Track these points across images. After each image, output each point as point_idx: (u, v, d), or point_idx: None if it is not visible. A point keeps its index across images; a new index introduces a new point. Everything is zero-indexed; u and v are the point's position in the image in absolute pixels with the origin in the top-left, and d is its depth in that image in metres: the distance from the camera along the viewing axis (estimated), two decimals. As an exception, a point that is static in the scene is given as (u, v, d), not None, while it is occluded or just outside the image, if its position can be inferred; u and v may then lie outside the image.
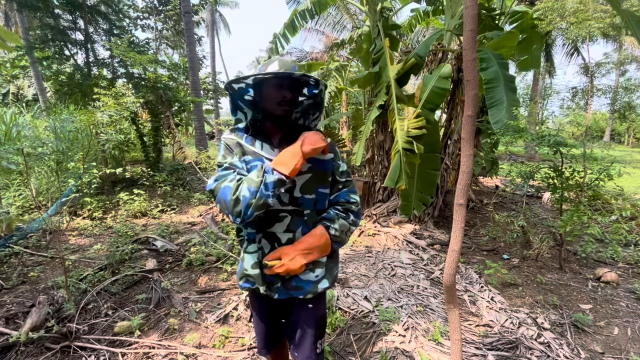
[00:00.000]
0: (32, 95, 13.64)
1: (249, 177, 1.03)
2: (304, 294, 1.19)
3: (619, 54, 19.98)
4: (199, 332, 2.36)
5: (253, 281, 1.20)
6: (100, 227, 4.62)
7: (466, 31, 1.01)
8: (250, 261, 1.18)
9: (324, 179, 1.20)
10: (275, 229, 1.15)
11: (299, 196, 1.16)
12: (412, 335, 2.29)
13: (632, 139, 24.18)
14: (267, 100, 1.14)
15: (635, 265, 3.55)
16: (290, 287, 1.18)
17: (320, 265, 1.20)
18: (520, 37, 4.62)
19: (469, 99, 1.05)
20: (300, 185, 1.16)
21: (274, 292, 1.19)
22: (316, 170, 1.18)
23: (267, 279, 1.18)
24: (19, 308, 2.52)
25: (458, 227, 1.10)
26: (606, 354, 2.25)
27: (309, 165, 1.16)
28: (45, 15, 7.52)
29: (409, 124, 3.81)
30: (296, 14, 5.92)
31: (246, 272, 1.20)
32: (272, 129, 1.20)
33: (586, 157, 3.25)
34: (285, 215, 1.15)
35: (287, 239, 1.15)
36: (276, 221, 1.15)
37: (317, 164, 1.18)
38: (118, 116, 5.52)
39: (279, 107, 1.13)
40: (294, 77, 1.13)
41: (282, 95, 1.11)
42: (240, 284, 1.26)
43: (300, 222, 1.16)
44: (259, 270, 1.17)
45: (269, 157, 1.14)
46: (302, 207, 1.16)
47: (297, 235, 1.16)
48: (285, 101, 1.13)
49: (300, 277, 1.18)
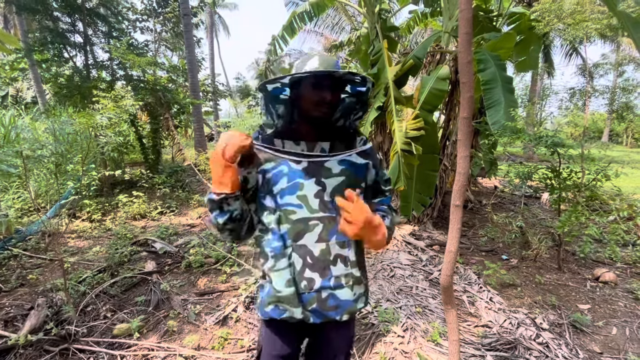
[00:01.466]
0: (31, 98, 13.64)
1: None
2: (340, 315, 1.06)
3: (616, 54, 20.06)
4: (198, 334, 2.36)
5: (285, 307, 1.04)
6: (99, 229, 4.62)
7: (461, 34, 1.02)
8: (282, 280, 1.02)
9: (357, 184, 1.09)
10: (306, 241, 1.01)
11: (329, 200, 1.03)
12: (411, 336, 2.29)
13: (630, 139, 24.25)
14: (304, 101, 1.03)
15: (633, 265, 3.57)
16: (327, 307, 1.04)
17: (358, 282, 1.09)
18: (518, 38, 4.64)
19: (464, 101, 1.06)
20: (331, 189, 1.04)
21: (309, 316, 1.04)
22: (349, 173, 1.07)
23: (303, 300, 1.03)
24: (17, 310, 2.52)
25: (455, 228, 1.11)
26: (604, 353, 2.26)
27: (342, 167, 1.06)
28: (44, 17, 7.53)
29: (407, 125, 3.82)
30: (295, 16, 5.95)
31: (279, 295, 1.03)
32: (308, 131, 1.09)
33: (584, 157, 3.26)
34: (316, 223, 1.02)
35: (319, 251, 1.01)
36: (306, 231, 1.02)
37: (351, 167, 1.08)
38: (117, 118, 5.53)
39: (318, 109, 1.02)
40: (336, 77, 1.01)
41: (321, 96, 1.00)
42: (268, 311, 1.06)
43: (333, 230, 1.03)
44: (294, 288, 1.02)
45: (295, 158, 1.04)
46: (334, 213, 1.03)
47: (331, 245, 1.02)
48: (325, 103, 1.01)
49: (338, 296, 1.04)
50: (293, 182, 1.02)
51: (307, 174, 1.02)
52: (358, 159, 1.10)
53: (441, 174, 4.78)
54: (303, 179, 1.02)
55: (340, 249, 1.04)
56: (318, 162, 1.04)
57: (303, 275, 1.02)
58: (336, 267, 1.03)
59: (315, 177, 1.03)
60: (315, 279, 1.02)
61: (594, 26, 7.78)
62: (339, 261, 1.04)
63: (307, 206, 1.01)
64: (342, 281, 1.04)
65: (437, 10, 5.71)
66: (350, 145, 1.12)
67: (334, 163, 1.05)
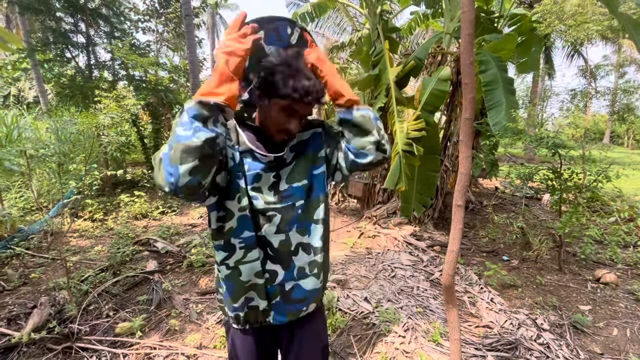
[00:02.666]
0: (33, 98, 13.67)
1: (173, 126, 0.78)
2: (307, 305, 1.02)
3: (618, 56, 20.06)
4: (199, 333, 2.37)
5: (252, 295, 0.98)
6: (101, 228, 4.64)
7: (464, 36, 1.03)
8: (252, 271, 0.96)
9: (314, 160, 1.02)
10: (265, 232, 0.96)
11: (285, 188, 0.98)
12: (412, 336, 2.30)
13: (631, 140, 24.22)
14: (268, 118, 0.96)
15: (634, 267, 3.57)
16: (291, 300, 1.00)
17: (324, 266, 1.05)
18: (519, 39, 4.65)
19: (466, 102, 1.07)
20: (285, 178, 0.99)
21: (270, 313, 1.00)
22: (300, 155, 1.01)
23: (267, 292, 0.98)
24: (20, 309, 2.54)
25: (457, 228, 1.12)
26: (605, 354, 2.26)
27: (293, 154, 1.00)
28: (47, 18, 7.56)
29: (408, 126, 3.83)
30: (296, 17, 5.96)
31: (247, 285, 0.97)
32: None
33: (585, 159, 3.27)
34: (274, 214, 0.96)
35: (279, 242, 0.97)
36: (266, 222, 0.96)
37: (301, 147, 1.01)
38: (119, 118, 5.55)
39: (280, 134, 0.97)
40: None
41: (289, 125, 0.93)
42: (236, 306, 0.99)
43: (293, 220, 0.98)
44: (263, 280, 0.97)
45: (261, 153, 0.96)
46: (291, 201, 0.98)
47: (290, 235, 0.98)
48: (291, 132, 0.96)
49: (303, 287, 1.00)
50: (254, 173, 0.96)
51: (268, 168, 0.97)
52: (302, 135, 1.03)
53: (442, 175, 4.78)
54: (264, 172, 0.97)
55: (300, 236, 0.99)
56: (279, 156, 0.98)
57: (265, 267, 0.97)
58: (298, 256, 0.99)
59: (275, 170, 0.98)
60: (278, 271, 0.98)
61: (595, 28, 7.79)
62: (301, 250, 0.99)
63: (263, 197, 0.96)
64: (307, 270, 1.00)
65: (438, 12, 5.72)
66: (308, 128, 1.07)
67: (287, 152, 1.00)
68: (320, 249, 1.03)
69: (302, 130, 1.03)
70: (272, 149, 0.98)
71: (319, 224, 1.02)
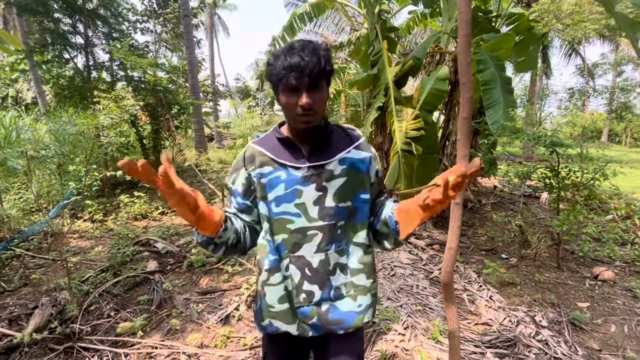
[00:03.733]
0: (32, 99, 13.66)
1: None
2: (344, 329, 0.98)
3: (615, 54, 20.12)
4: (200, 332, 2.38)
5: (280, 323, 0.98)
6: (101, 229, 4.64)
7: (461, 36, 1.04)
8: (275, 295, 0.97)
9: (362, 182, 0.99)
10: (304, 252, 0.95)
11: (332, 205, 0.94)
12: (411, 334, 2.32)
13: (629, 139, 24.31)
14: (284, 109, 0.92)
15: (632, 264, 3.59)
16: (328, 322, 0.97)
17: (364, 291, 1.00)
18: (517, 38, 4.68)
19: (464, 101, 1.08)
20: (333, 192, 0.95)
21: (307, 330, 0.98)
22: (352, 172, 0.97)
23: (299, 314, 0.97)
24: (21, 310, 2.54)
25: (455, 225, 1.14)
26: (603, 351, 2.28)
27: (344, 167, 0.96)
28: (45, 19, 7.56)
29: (407, 126, 3.85)
30: (295, 17, 5.98)
31: (272, 310, 0.98)
32: (303, 134, 0.97)
33: (582, 157, 3.29)
34: (315, 233, 0.94)
35: (319, 262, 0.94)
36: (304, 242, 0.94)
37: (353, 164, 0.98)
38: (118, 119, 5.56)
39: (298, 119, 0.90)
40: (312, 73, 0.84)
41: (296, 103, 0.87)
42: (264, 326, 1.01)
43: (333, 239, 0.95)
44: (288, 304, 0.97)
45: (296, 165, 0.95)
46: (334, 220, 0.95)
47: (330, 255, 0.95)
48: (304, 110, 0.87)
49: (339, 309, 0.97)
50: (291, 189, 0.94)
51: (307, 180, 0.94)
52: (358, 153, 1.00)
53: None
54: (302, 186, 0.94)
55: (339, 257, 0.97)
56: (318, 166, 0.95)
57: (302, 288, 0.95)
58: (335, 276, 0.97)
59: (316, 182, 0.94)
60: (315, 292, 0.96)
61: (593, 26, 7.82)
62: (338, 270, 0.98)
63: (306, 215, 0.94)
64: (343, 291, 0.98)
65: (436, 11, 5.74)
66: (344, 139, 1.02)
67: (335, 164, 0.96)
68: (357, 270, 1.00)
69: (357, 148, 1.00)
70: (309, 158, 0.96)
71: (358, 247, 1.01)
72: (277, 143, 0.99)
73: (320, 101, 0.88)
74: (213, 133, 19.11)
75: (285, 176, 0.94)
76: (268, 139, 1.02)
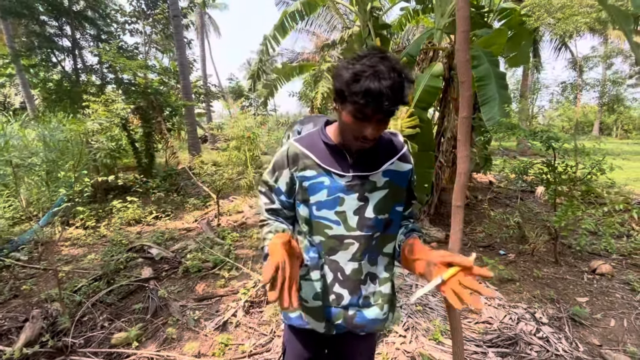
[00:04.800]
0: (20, 104, 13.40)
1: (261, 231, 0.96)
2: (366, 332, 1.03)
3: (604, 47, 20.33)
4: (198, 340, 2.33)
5: (309, 319, 1.01)
6: (93, 236, 4.55)
7: (459, 32, 1.00)
8: (312, 291, 0.99)
9: (400, 195, 0.99)
10: (339, 257, 0.96)
11: (372, 217, 0.94)
12: (412, 335, 2.29)
13: (620, 130, 24.60)
14: (342, 126, 0.86)
15: (628, 257, 3.61)
16: (353, 325, 1.00)
17: (388, 300, 1.03)
18: (509, 33, 4.67)
19: (463, 100, 1.04)
20: (374, 204, 0.94)
21: (332, 329, 1.02)
22: (393, 184, 0.96)
23: (326, 313, 1.00)
24: (12, 323, 2.46)
25: (457, 229, 1.10)
26: (604, 345, 2.28)
27: (387, 179, 0.95)
28: (31, 22, 7.39)
29: (402, 123, 3.82)
30: (286, 15, 5.91)
31: (305, 305, 1.00)
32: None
33: (578, 151, 3.29)
34: (351, 242, 0.95)
35: (351, 270, 0.96)
36: (340, 249, 0.95)
37: (396, 176, 0.97)
38: (109, 123, 5.45)
39: (356, 144, 0.86)
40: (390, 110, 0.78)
41: (363, 133, 0.81)
42: (292, 318, 1.04)
43: (368, 249, 0.96)
44: (321, 302, 0.99)
45: (340, 173, 0.93)
46: (372, 231, 0.95)
47: (363, 265, 0.97)
48: (367, 140, 0.83)
49: (366, 316, 1.00)
50: (334, 197, 0.93)
51: (350, 189, 0.93)
52: (401, 165, 0.98)
53: (437, 171, 4.79)
54: (344, 194, 0.93)
55: (370, 266, 0.99)
56: (363, 176, 0.93)
57: (332, 289, 0.98)
58: (366, 285, 0.99)
59: (358, 192, 0.93)
60: (345, 295, 0.98)
61: (584, 20, 7.86)
62: (369, 279, 0.99)
63: (345, 224, 0.94)
64: (371, 300, 1.00)
65: (428, 7, 5.71)
66: (389, 148, 0.98)
67: (379, 175, 0.94)
68: (385, 280, 1.02)
69: (400, 159, 0.98)
70: (353, 166, 0.94)
71: (386, 257, 1.02)
72: (323, 147, 0.96)
73: (384, 130, 0.83)
74: (206, 135, 18.95)
75: (328, 182, 0.93)
76: (313, 140, 0.98)
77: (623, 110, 22.58)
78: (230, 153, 6.50)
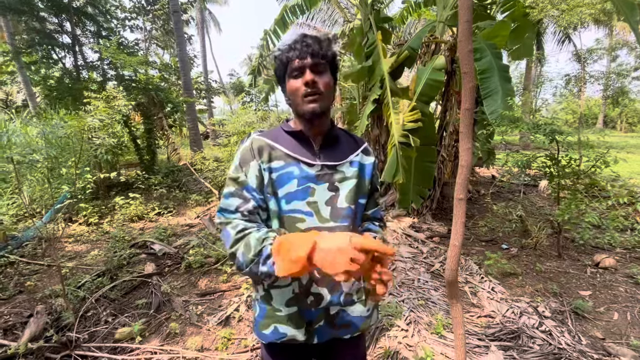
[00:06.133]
0: (22, 101, 13.43)
1: (248, 243, 0.80)
2: (351, 333, 0.97)
3: (609, 39, 20.05)
4: (200, 335, 2.34)
5: (286, 328, 0.92)
6: (96, 232, 4.58)
7: (462, 22, 0.98)
8: (283, 297, 0.92)
9: (364, 188, 0.99)
10: None
11: (344, 207, 0.92)
12: (414, 329, 2.29)
13: (624, 124, 24.37)
14: (289, 94, 0.91)
15: (632, 250, 3.59)
16: (336, 326, 0.95)
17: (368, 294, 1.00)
18: (512, 25, 4.59)
19: (466, 91, 1.03)
20: (345, 194, 0.93)
21: (313, 336, 0.94)
22: (359, 176, 0.97)
23: (305, 317, 0.92)
24: (16, 318, 2.49)
25: (459, 222, 1.09)
26: (607, 339, 2.27)
27: (354, 169, 0.96)
28: (31, 18, 7.37)
29: (404, 118, 3.79)
30: (286, 10, 5.85)
31: (278, 315, 0.92)
32: (313, 129, 0.94)
33: (582, 144, 3.25)
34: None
35: None
36: None
37: (362, 168, 0.98)
38: (110, 119, 5.45)
39: (303, 100, 0.87)
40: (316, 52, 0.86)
41: (300, 81, 0.87)
42: (267, 334, 0.94)
43: None
44: (296, 307, 0.92)
45: (309, 161, 0.91)
46: (346, 221, 0.92)
47: None
48: (310, 90, 0.86)
49: (349, 313, 0.95)
50: (304, 187, 0.90)
51: (320, 179, 0.91)
52: (365, 157, 0.99)
53: (439, 165, 4.76)
54: (315, 184, 0.91)
55: None
56: (331, 166, 0.93)
57: (310, 290, 0.91)
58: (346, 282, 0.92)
59: (328, 182, 0.92)
60: (324, 295, 0.92)
61: (588, 11, 7.74)
62: None
63: (318, 214, 0.90)
64: (354, 297, 0.96)
65: (430, 0, 5.63)
66: (351, 143, 1.01)
67: (347, 166, 0.95)
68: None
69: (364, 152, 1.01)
70: (320, 155, 0.94)
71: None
72: (287, 136, 0.95)
73: (325, 85, 0.88)
74: (208, 131, 18.94)
75: (298, 172, 0.91)
76: (276, 133, 0.97)
77: (628, 103, 22.33)
78: (231, 149, 6.50)
